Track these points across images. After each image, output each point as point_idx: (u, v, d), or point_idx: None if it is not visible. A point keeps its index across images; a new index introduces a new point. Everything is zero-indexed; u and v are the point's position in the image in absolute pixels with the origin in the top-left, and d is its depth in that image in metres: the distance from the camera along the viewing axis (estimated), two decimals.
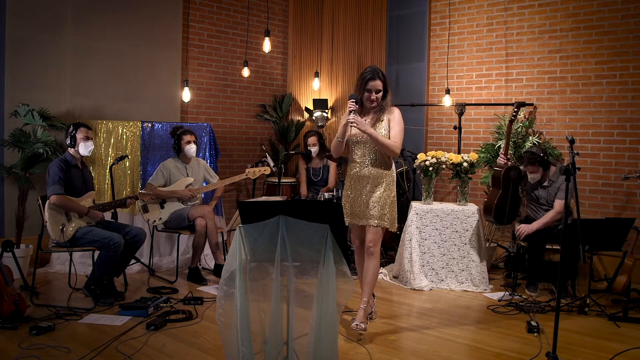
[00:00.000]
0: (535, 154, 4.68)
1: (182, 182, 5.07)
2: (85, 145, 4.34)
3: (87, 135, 4.35)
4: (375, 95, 3.62)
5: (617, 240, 4.10)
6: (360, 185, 3.70)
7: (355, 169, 3.71)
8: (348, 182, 3.77)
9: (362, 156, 3.69)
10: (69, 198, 4.22)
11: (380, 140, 3.56)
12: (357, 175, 3.71)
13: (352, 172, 3.74)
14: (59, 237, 4.14)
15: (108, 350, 3.25)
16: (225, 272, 2.69)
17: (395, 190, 3.74)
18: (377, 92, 3.62)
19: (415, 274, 4.79)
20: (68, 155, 4.35)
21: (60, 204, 4.16)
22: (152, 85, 6.14)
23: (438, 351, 3.37)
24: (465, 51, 6.13)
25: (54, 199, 4.13)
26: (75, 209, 4.24)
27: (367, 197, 3.68)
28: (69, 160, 4.32)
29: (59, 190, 4.16)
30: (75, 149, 4.34)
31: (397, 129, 3.64)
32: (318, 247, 2.63)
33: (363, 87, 3.65)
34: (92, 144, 4.40)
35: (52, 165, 4.24)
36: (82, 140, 4.32)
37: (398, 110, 3.71)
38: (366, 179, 3.68)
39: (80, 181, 4.37)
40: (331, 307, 2.60)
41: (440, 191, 6.24)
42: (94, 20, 5.69)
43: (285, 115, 7.33)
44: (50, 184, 4.17)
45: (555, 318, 3.01)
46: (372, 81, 3.61)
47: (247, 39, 6.91)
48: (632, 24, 5.04)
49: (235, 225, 4.74)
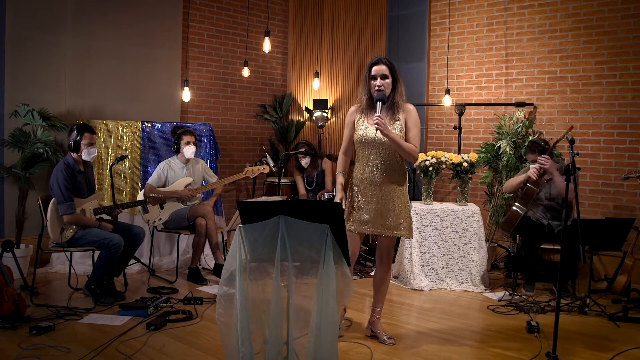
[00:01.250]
0: (537, 142, 4.70)
1: (182, 182, 5.07)
2: (88, 152, 4.29)
3: (91, 141, 4.29)
4: (380, 81, 3.27)
5: (617, 240, 4.10)
6: (372, 191, 3.34)
7: (367, 173, 3.35)
8: (357, 187, 3.39)
9: (375, 159, 3.33)
10: (80, 216, 4.22)
11: (402, 145, 3.23)
12: (368, 181, 3.35)
13: (363, 176, 3.37)
14: (58, 238, 4.15)
15: (108, 350, 3.25)
16: (225, 272, 2.69)
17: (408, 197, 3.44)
18: (383, 77, 3.28)
19: (415, 274, 4.79)
20: (70, 160, 4.26)
21: (74, 222, 4.18)
22: (152, 85, 6.14)
23: (438, 351, 3.37)
24: (465, 51, 6.13)
25: (67, 219, 4.14)
26: (87, 224, 4.24)
27: (381, 204, 3.33)
28: (72, 166, 4.25)
29: (71, 210, 4.14)
30: (78, 154, 4.29)
31: (416, 131, 3.31)
32: (318, 247, 2.63)
33: (368, 75, 3.32)
34: (96, 150, 4.38)
35: (57, 175, 4.15)
36: (86, 146, 4.26)
37: (414, 107, 3.36)
38: (379, 186, 3.33)
39: (84, 184, 4.37)
40: (331, 307, 2.60)
41: (440, 191, 6.24)
42: (94, 20, 5.69)
43: (285, 115, 7.33)
44: (60, 201, 4.11)
45: (555, 318, 3.01)
46: (375, 65, 3.29)
47: (247, 39, 6.91)
48: (632, 24, 5.04)
49: (235, 225, 4.74)
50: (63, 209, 4.12)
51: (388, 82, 3.29)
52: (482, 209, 5.16)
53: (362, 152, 3.38)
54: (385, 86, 3.29)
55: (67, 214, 4.13)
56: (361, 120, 3.39)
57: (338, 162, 3.52)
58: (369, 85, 3.34)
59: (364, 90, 3.39)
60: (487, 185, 5.64)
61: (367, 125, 3.35)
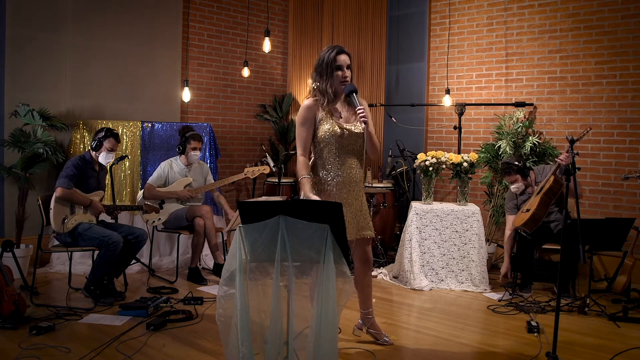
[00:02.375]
0: (509, 163, 4.60)
1: (181, 182, 5.07)
2: (106, 156, 4.43)
3: (113, 147, 4.44)
4: (347, 71, 3.07)
5: (617, 240, 4.10)
6: (347, 192, 3.13)
7: (345, 173, 3.11)
8: (329, 191, 3.11)
9: (354, 156, 3.14)
10: (74, 192, 4.25)
11: (374, 139, 3.10)
12: (346, 181, 3.12)
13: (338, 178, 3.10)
14: (59, 228, 4.17)
15: (108, 350, 3.25)
16: (225, 272, 2.69)
17: None
18: (348, 67, 3.08)
19: (415, 274, 4.79)
20: (88, 155, 4.44)
21: (65, 197, 4.21)
22: (152, 85, 6.14)
23: (438, 351, 3.37)
24: (465, 51, 6.13)
25: (59, 191, 4.18)
26: (79, 201, 4.28)
27: (356, 206, 3.13)
28: (88, 160, 4.40)
29: (67, 185, 4.20)
30: (96, 153, 4.41)
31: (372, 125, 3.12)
32: (318, 247, 2.63)
33: (332, 65, 3.05)
34: (113, 157, 4.49)
35: (70, 160, 4.36)
36: (106, 150, 4.41)
37: (365, 101, 3.19)
38: (354, 184, 3.13)
39: (94, 181, 4.44)
40: (331, 307, 2.60)
41: (440, 191, 6.24)
42: (94, 20, 5.69)
43: (285, 115, 7.34)
44: (62, 176, 4.23)
45: (555, 318, 3.01)
46: (341, 54, 3.06)
47: (247, 39, 6.91)
48: (632, 24, 5.04)
49: (235, 225, 4.74)
50: (60, 182, 4.20)
51: (349, 74, 3.10)
52: (482, 209, 5.16)
53: (332, 151, 3.10)
54: (349, 78, 3.09)
55: (63, 186, 4.18)
56: (326, 115, 3.10)
57: (300, 165, 3.11)
58: (333, 77, 3.07)
59: (327, 82, 3.08)
60: (487, 185, 5.64)
61: (334, 120, 3.10)
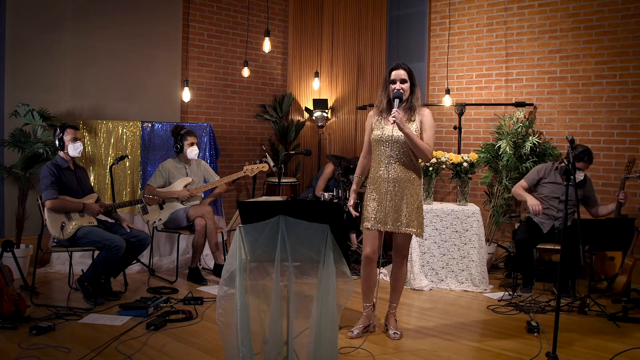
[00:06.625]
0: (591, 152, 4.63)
1: (181, 182, 5.07)
2: (74, 147, 4.30)
3: (74, 136, 4.31)
4: (400, 85, 3.42)
5: (616, 240, 4.09)
6: (386, 188, 3.42)
7: (381, 170, 3.45)
8: (371, 185, 3.51)
9: (390, 156, 3.43)
10: (63, 199, 4.20)
11: (417, 142, 3.35)
12: (382, 178, 3.44)
13: (376, 174, 3.49)
14: (59, 235, 4.13)
15: (108, 350, 3.25)
16: (225, 272, 2.69)
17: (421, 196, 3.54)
18: (402, 82, 3.42)
19: (415, 274, 4.79)
20: (59, 159, 4.32)
21: (57, 207, 4.15)
22: (152, 85, 6.14)
23: (438, 351, 3.37)
24: (465, 51, 6.13)
25: (49, 204, 4.12)
26: (71, 208, 4.22)
27: (395, 201, 3.43)
28: (60, 164, 4.29)
29: (53, 195, 4.13)
30: (64, 151, 4.30)
31: (431, 132, 3.44)
32: (318, 247, 2.64)
33: (387, 79, 3.47)
34: (81, 145, 4.36)
35: (43, 170, 4.22)
36: (70, 142, 4.28)
37: (429, 111, 3.50)
38: (392, 182, 3.42)
39: (74, 182, 4.34)
40: (331, 307, 2.60)
41: (440, 191, 6.24)
42: (94, 20, 5.69)
43: (285, 115, 7.33)
44: (42, 190, 4.15)
45: (555, 318, 3.01)
46: (395, 70, 3.44)
47: (247, 39, 6.91)
48: (632, 24, 5.04)
49: (235, 225, 4.74)
50: (45, 195, 4.13)
51: (407, 86, 3.44)
52: (482, 209, 5.16)
53: (377, 151, 3.50)
54: (404, 90, 3.43)
55: (49, 198, 4.12)
56: (378, 121, 3.52)
57: (357, 165, 3.70)
58: (388, 89, 3.48)
59: (384, 94, 3.53)
60: (487, 185, 5.64)
61: (382, 125, 3.47)
